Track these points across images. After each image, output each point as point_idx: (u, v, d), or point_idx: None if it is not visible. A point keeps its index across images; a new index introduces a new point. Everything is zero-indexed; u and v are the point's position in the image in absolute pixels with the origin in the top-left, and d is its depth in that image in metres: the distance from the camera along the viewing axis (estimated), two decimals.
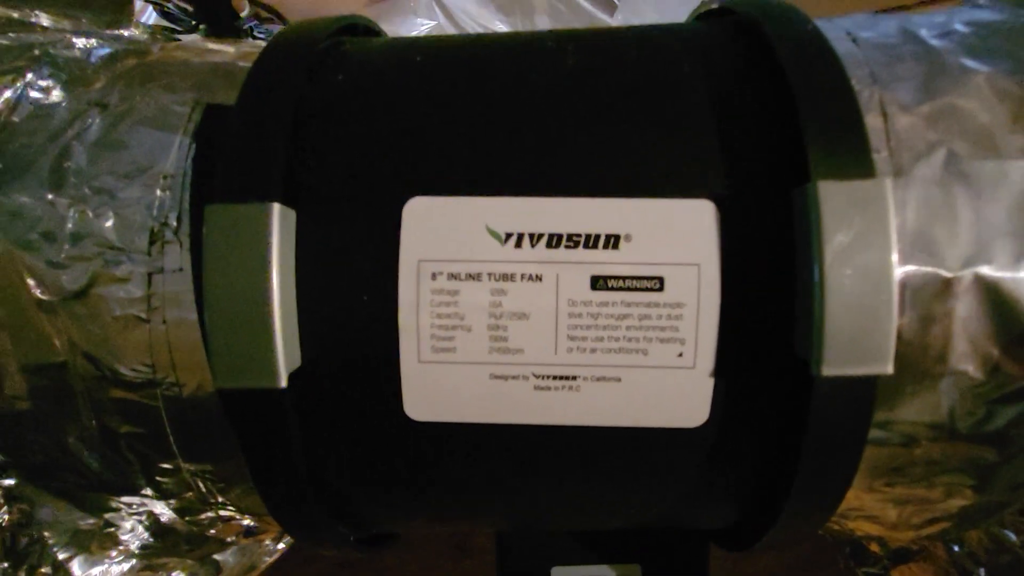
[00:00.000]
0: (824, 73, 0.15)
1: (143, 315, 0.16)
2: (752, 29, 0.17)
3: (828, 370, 0.14)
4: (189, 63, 0.19)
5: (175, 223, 0.16)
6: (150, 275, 0.16)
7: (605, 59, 0.18)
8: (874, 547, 0.22)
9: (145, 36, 0.24)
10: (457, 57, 0.19)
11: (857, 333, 0.14)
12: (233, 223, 0.15)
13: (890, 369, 0.14)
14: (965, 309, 0.15)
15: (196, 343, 0.16)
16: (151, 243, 0.16)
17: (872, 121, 0.16)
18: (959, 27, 0.18)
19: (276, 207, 0.15)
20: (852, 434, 0.15)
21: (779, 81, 0.16)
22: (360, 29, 0.22)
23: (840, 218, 0.14)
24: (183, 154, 0.17)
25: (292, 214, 0.15)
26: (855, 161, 0.14)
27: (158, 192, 0.16)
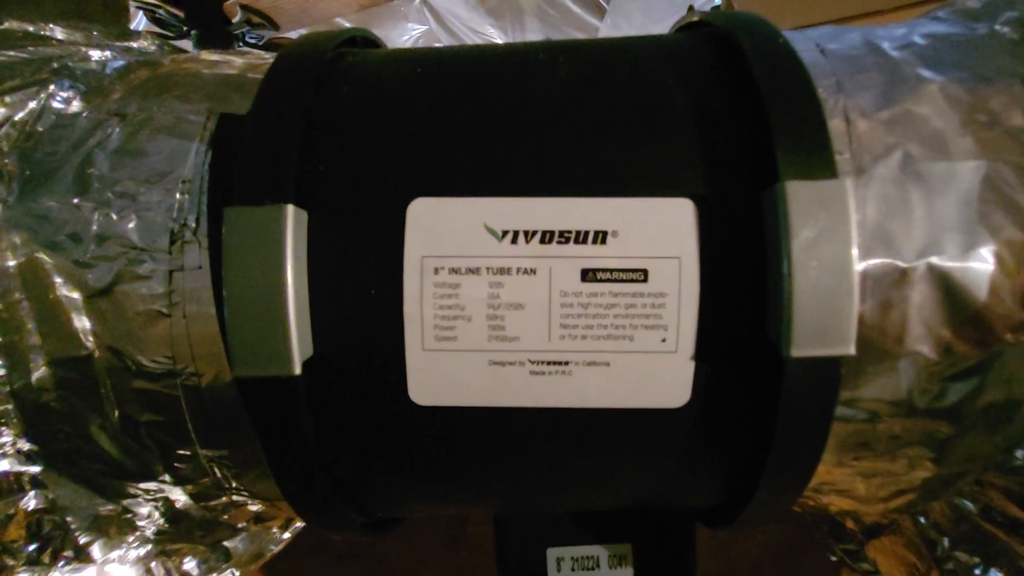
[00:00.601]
0: (792, 83, 0.17)
1: (164, 310, 0.17)
2: (728, 41, 0.19)
3: (796, 352, 0.15)
4: (201, 75, 0.20)
5: (194, 224, 0.17)
6: (171, 273, 0.17)
7: (593, 70, 0.19)
8: (849, 523, 0.24)
9: (153, 47, 0.25)
10: (455, 68, 0.20)
11: (822, 318, 0.15)
12: (250, 224, 0.16)
13: (853, 350, 0.15)
14: (919, 296, 0.16)
15: (214, 335, 0.17)
16: (171, 243, 0.17)
17: (836, 126, 0.17)
18: (917, 39, 0.19)
19: (290, 208, 0.16)
20: (820, 410, 0.16)
21: (752, 90, 0.17)
22: (359, 41, 0.23)
23: (806, 215, 0.15)
24: (200, 160, 0.18)
25: (304, 215, 0.17)
26: (819, 163, 0.16)
27: (177, 196, 0.18)
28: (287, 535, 0.28)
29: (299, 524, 0.29)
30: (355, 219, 0.17)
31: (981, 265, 0.16)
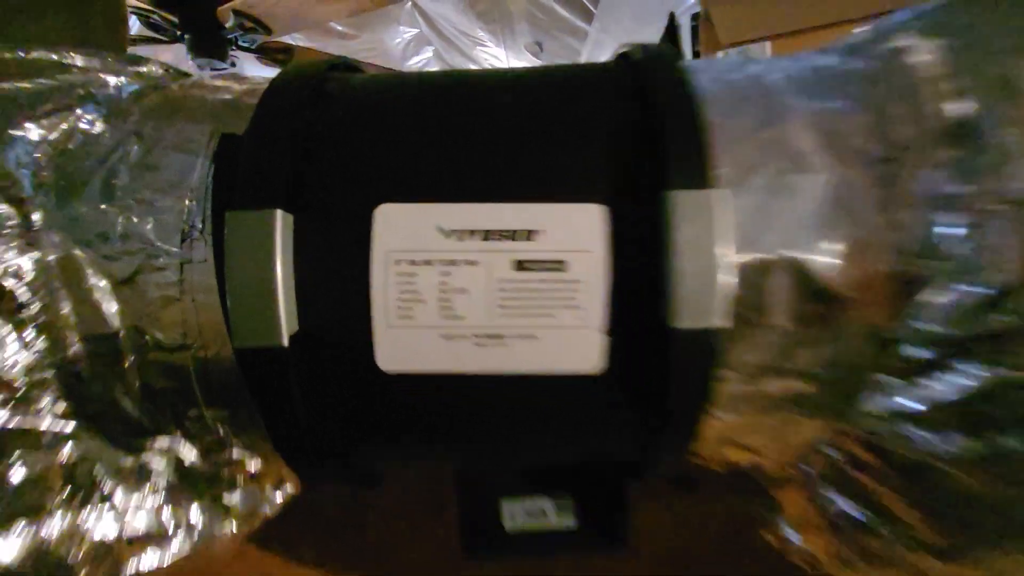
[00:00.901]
0: (685, 110, 0.21)
1: (177, 295, 0.21)
2: (639, 73, 0.23)
3: (680, 324, 0.19)
4: (205, 99, 0.24)
5: (200, 226, 0.21)
6: (182, 265, 0.21)
7: (531, 97, 0.23)
8: (758, 476, 0.28)
9: (160, 72, 0.29)
10: (417, 96, 0.24)
11: (700, 298, 0.19)
12: (247, 225, 0.20)
13: (727, 323, 0.20)
14: (780, 281, 0.20)
15: (218, 316, 0.21)
16: (182, 241, 0.21)
17: (721, 146, 0.21)
18: (798, 72, 0.24)
19: (279, 213, 0.20)
20: (703, 371, 0.20)
21: (654, 116, 0.21)
22: (342, 67, 0.27)
23: (690, 218, 0.19)
24: (204, 172, 0.22)
25: (291, 218, 0.21)
26: (701, 176, 0.20)
27: (186, 202, 0.21)
28: (278, 497, 0.32)
29: (289, 489, 0.33)
30: (333, 221, 0.21)
31: (827, 257, 0.20)
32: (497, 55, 2.59)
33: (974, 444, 0.19)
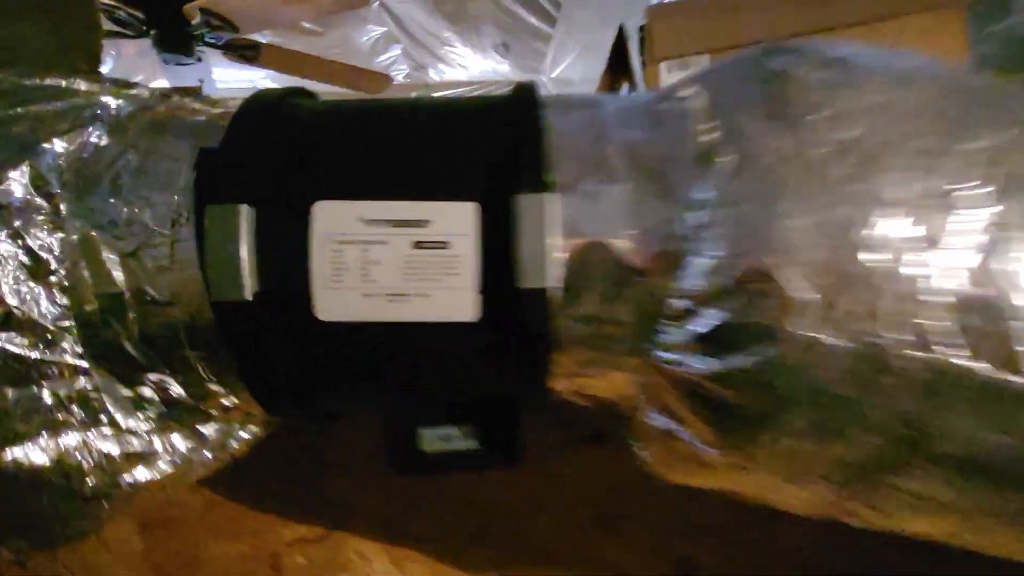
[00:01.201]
0: (533, 136, 0.30)
1: (169, 265, 0.29)
2: (510, 107, 0.32)
3: (525, 285, 0.28)
4: (185, 121, 0.32)
5: (186, 215, 0.29)
6: (172, 243, 0.29)
7: (433, 121, 0.32)
8: (621, 410, 0.37)
9: (147, 95, 0.37)
10: (349, 120, 0.32)
11: (538, 267, 0.28)
12: (221, 215, 0.28)
13: (560, 285, 0.29)
14: (597, 256, 0.29)
15: (199, 281, 0.29)
16: (172, 226, 0.29)
17: (558, 162, 0.30)
18: (621, 108, 0.33)
19: (244, 207, 0.28)
20: (542, 318, 0.29)
21: (514, 140, 0.30)
22: (297, 93, 0.35)
23: (531, 212, 0.28)
24: (188, 177, 0.30)
25: (253, 210, 0.29)
26: (541, 183, 0.29)
27: (175, 198, 0.30)
28: (245, 434, 0.40)
29: (255, 429, 0.41)
30: (283, 212, 0.29)
31: (627, 241, 0.29)
32: (464, 55, 2.66)
33: (718, 364, 0.28)
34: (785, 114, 0.27)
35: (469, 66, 2.60)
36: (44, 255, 0.28)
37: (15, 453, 0.29)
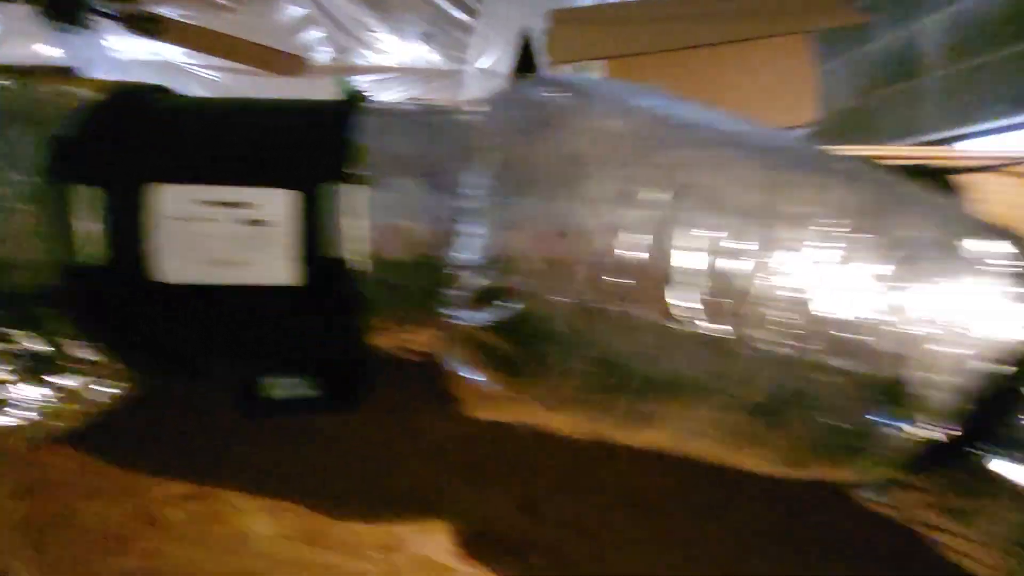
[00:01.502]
0: (340, 137, 0.37)
1: (39, 239, 0.35)
2: (332, 111, 0.39)
3: (328, 254, 0.36)
4: (45, 105, 0.37)
5: (49, 191, 0.35)
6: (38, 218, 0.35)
7: (263, 119, 0.39)
8: (437, 361, 0.45)
9: (8, 81, 0.41)
10: (192, 114, 0.39)
11: (336, 239, 0.36)
12: (76, 194, 0.34)
13: (366, 258, 0.36)
14: (390, 235, 0.37)
15: (52, 250, 0.35)
16: (30, 203, 0.35)
17: (370, 160, 0.38)
18: (424, 115, 0.41)
19: (99, 189, 0.34)
20: (344, 279, 0.37)
21: (329, 138, 0.37)
22: (157, 90, 0.41)
23: (331, 197, 0.36)
24: (45, 159, 0.35)
25: (103, 190, 0.35)
26: (341, 176, 0.36)
27: (35, 178, 0.35)
28: (110, 390, 0.46)
29: (124, 384, 0.46)
30: (128, 193, 0.35)
31: (415, 223, 0.37)
32: (387, 41, 2.67)
33: (486, 318, 0.37)
34: (531, 130, 0.36)
35: (393, 53, 2.62)
36: None
37: None
